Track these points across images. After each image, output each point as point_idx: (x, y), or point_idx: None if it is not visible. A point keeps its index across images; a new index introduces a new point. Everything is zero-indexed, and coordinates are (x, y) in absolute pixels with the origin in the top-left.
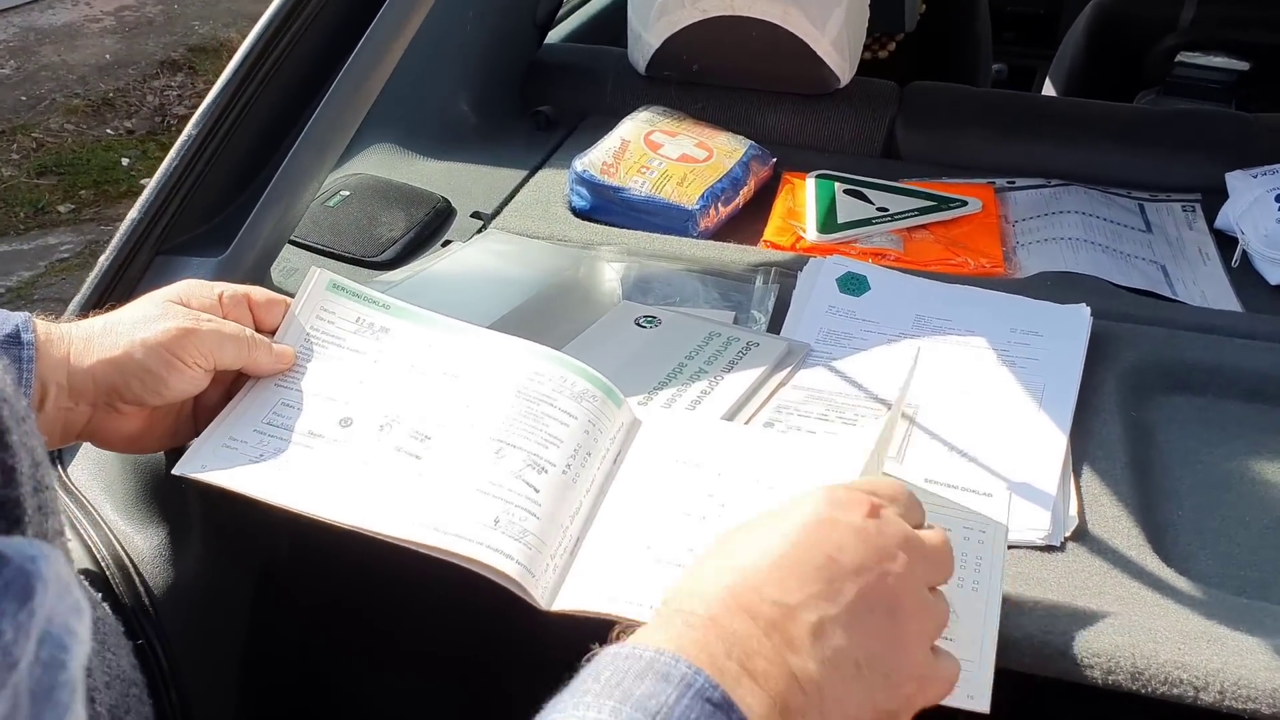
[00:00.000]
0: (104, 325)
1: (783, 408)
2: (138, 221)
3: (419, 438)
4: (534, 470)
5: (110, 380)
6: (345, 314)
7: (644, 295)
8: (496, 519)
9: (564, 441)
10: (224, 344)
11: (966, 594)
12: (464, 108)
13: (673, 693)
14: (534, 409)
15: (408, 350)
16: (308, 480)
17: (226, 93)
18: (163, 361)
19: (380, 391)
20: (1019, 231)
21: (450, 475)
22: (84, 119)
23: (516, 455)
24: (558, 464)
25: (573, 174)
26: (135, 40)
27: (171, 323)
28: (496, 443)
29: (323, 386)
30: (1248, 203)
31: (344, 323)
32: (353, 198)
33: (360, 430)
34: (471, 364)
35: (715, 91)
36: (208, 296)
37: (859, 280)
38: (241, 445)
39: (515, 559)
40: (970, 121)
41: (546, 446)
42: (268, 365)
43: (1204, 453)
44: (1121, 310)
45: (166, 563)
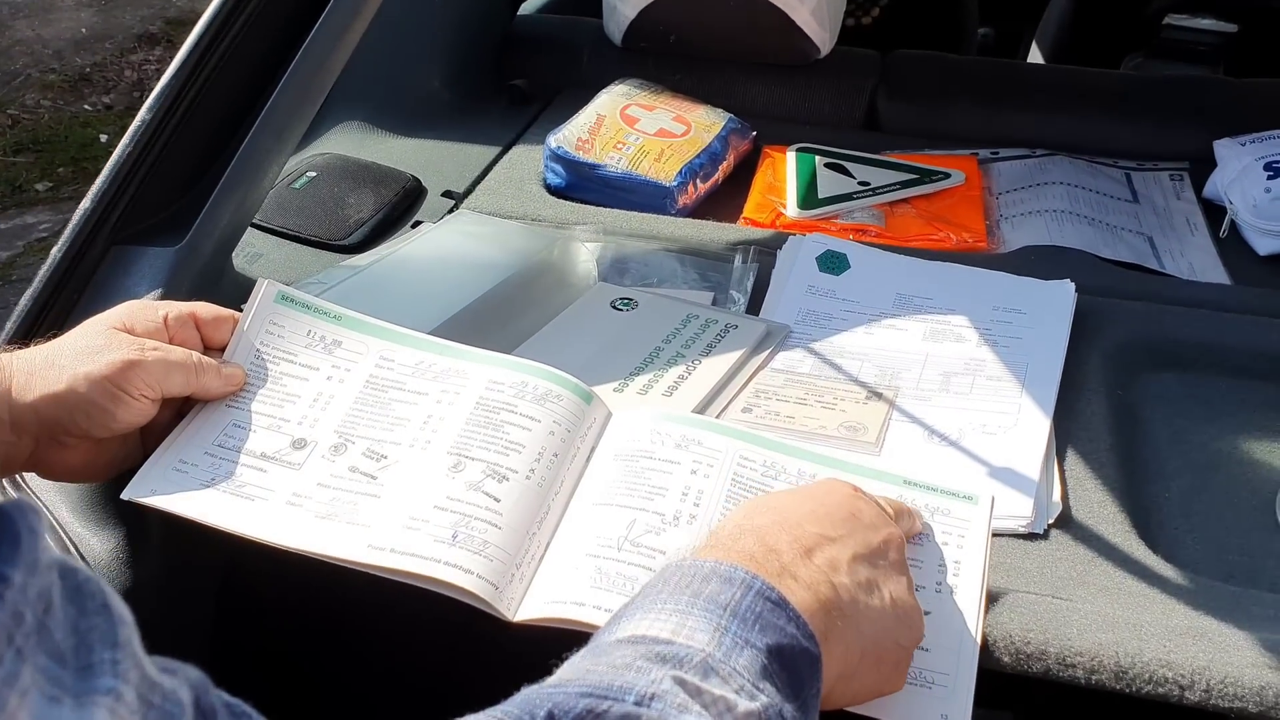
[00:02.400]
0: (45, 358)
1: (761, 391)
2: (91, 211)
3: (374, 457)
4: (494, 480)
5: (54, 415)
6: (295, 327)
7: (621, 276)
8: (454, 534)
9: (526, 447)
10: (170, 372)
11: (945, 603)
12: (435, 83)
13: (737, 591)
14: (493, 418)
15: (361, 364)
16: (261, 505)
17: (181, 75)
18: (108, 395)
19: (334, 410)
20: (1003, 204)
21: (406, 494)
22: (60, 94)
23: (475, 467)
24: (520, 470)
25: (547, 151)
26: (111, 13)
27: (116, 354)
28: (454, 456)
29: (275, 406)
30: (1236, 171)
31: (295, 337)
32: (320, 178)
33: (314, 452)
34: (429, 376)
35: (693, 63)
36: (152, 320)
37: (839, 259)
38: (192, 469)
39: (475, 573)
40: (953, 91)
41: (507, 454)
42: (217, 389)
43: (1192, 432)
44: (1107, 285)
45: (124, 566)
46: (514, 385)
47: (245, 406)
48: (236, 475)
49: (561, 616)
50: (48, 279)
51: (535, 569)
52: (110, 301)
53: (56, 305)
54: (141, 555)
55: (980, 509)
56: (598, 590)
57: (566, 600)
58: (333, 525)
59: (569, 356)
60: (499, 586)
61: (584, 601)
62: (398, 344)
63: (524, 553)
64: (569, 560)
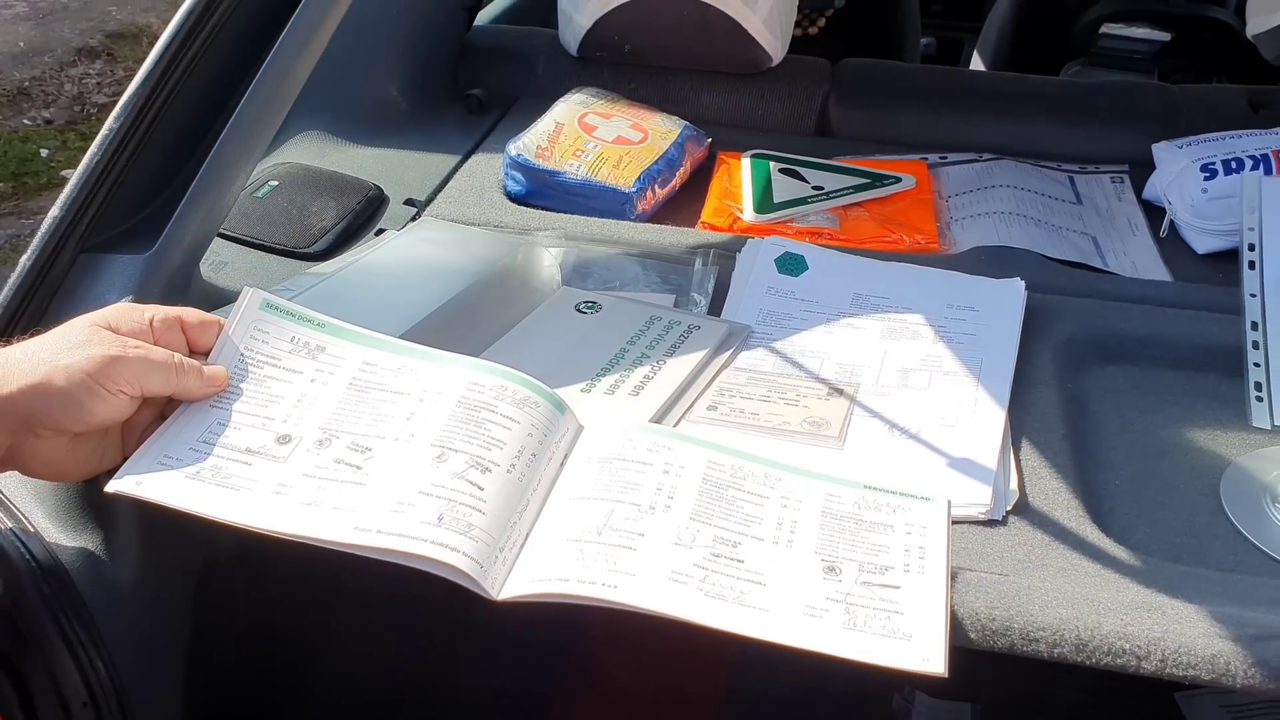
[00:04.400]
0: (25, 351)
1: (725, 390)
2: (60, 219)
3: (359, 449)
4: (477, 470)
5: (30, 406)
6: (280, 334)
7: (583, 280)
8: (440, 516)
9: (507, 444)
10: (150, 371)
11: (914, 578)
12: (393, 92)
13: None
14: (475, 415)
15: (345, 368)
16: (246, 494)
17: (148, 84)
18: (85, 389)
19: (318, 409)
20: (952, 207)
21: (391, 481)
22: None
23: (459, 458)
24: (501, 464)
25: (507, 158)
26: (50, 27)
27: (96, 349)
28: (438, 448)
29: (259, 406)
30: (1174, 173)
31: (279, 342)
32: (282, 187)
33: (299, 446)
34: (410, 379)
35: (648, 72)
36: (138, 321)
37: (797, 260)
38: (176, 462)
39: (462, 552)
40: (902, 98)
41: (489, 449)
42: (198, 390)
43: (1138, 421)
44: (1055, 283)
45: (101, 569)
46: (494, 388)
47: (229, 406)
48: (222, 468)
49: (546, 592)
50: (17, 287)
51: (517, 554)
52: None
53: (26, 312)
54: (119, 558)
55: (937, 506)
56: (580, 567)
57: (550, 577)
58: (319, 510)
59: (536, 359)
60: (484, 566)
61: (567, 577)
62: (379, 350)
63: (507, 538)
64: (550, 544)
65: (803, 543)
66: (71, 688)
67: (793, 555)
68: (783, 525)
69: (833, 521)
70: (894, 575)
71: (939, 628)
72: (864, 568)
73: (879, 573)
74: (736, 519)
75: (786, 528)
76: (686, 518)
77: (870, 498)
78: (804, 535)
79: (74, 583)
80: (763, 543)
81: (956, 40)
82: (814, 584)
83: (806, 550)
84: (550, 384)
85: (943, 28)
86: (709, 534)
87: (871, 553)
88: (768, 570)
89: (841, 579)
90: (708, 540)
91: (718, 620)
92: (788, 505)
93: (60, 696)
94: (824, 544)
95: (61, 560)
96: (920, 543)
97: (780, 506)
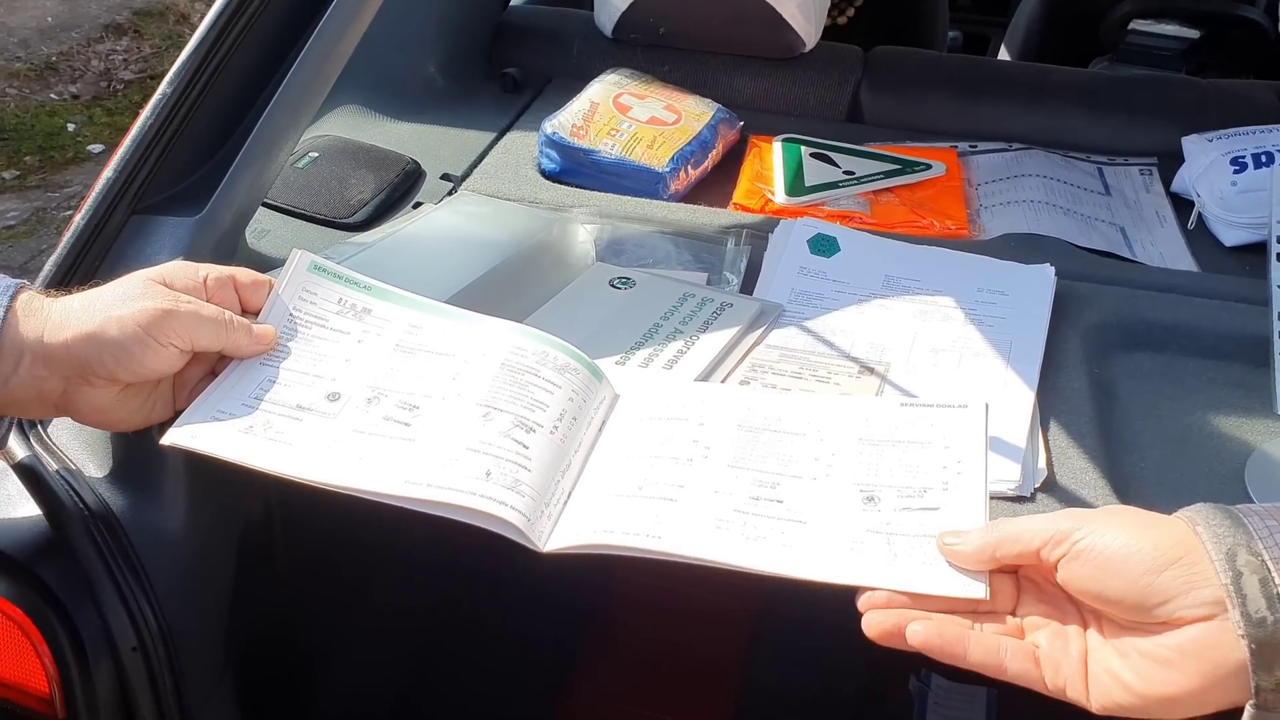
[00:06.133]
0: (84, 301)
1: (757, 366)
2: (113, 181)
3: (407, 408)
4: (522, 429)
5: (84, 353)
6: (328, 295)
7: (617, 257)
8: (488, 471)
9: (550, 406)
10: (200, 326)
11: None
12: (431, 69)
13: None
14: (519, 378)
15: (391, 330)
16: (298, 447)
17: (201, 50)
18: (136, 339)
19: (366, 368)
20: (982, 194)
21: (439, 437)
22: (27, 83)
23: (504, 417)
24: (545, 425)
25: (542, 136)
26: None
27: (150, 302)
28: (484, 407)
29: (309, 365)
30: (1203, 166)
31: (327, 304)
32: (322, 159)
33: (348, 403)
34: (455, 341)
35: (681, 55)
36: (192, 278)
37: (829, 242)
38: (229, 417)
39: (510, 505)
40: (934, 86)
41: (533, 410)
42: (247, 347)
43: (1164, 407)
44: (1083, 270)
45: (152, 522)
46: (536, 353)
47: (279, 364)
48: (273, 423)
49: (591, 543)
50: (71, 246)
51: (561, 509)
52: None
53: (79, 271)
54: (167, 508)
55: (973, 412)
56: (624, 519)
57: (596, 529)
58: (369, 464)
59: (572, 331)
60: (531, 520)
61: (612, 529)
62: (424, 312)
63: (551, 494)
64: (594, 500)
65: (841, 474)
66: (121, 632)
67: (831, 489)
68: (820, 460)
69: (869, 448)
70: (932, 496)
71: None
72: (902, 492)
73: (917, 495)
74: (774, 460)
75: (824, 462)
76: (724, 465)
77: (906, 414)
78: (842, 466)
79: (124, 530)
80: (801, 480)
81: (983, 35)
82: (854, 517)
83: (845, 482)
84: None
85: (970, 21)
86: (748, 479)
87: (909, 474)
88: (808, 508)
89: (880, 508)
90: (747, 485)
91: (760, 563)
92: (825, 439)
93: (110, 640)
94: (862, 472)
95: (112, 508)
96: (958, 456)
97: (818, 441)
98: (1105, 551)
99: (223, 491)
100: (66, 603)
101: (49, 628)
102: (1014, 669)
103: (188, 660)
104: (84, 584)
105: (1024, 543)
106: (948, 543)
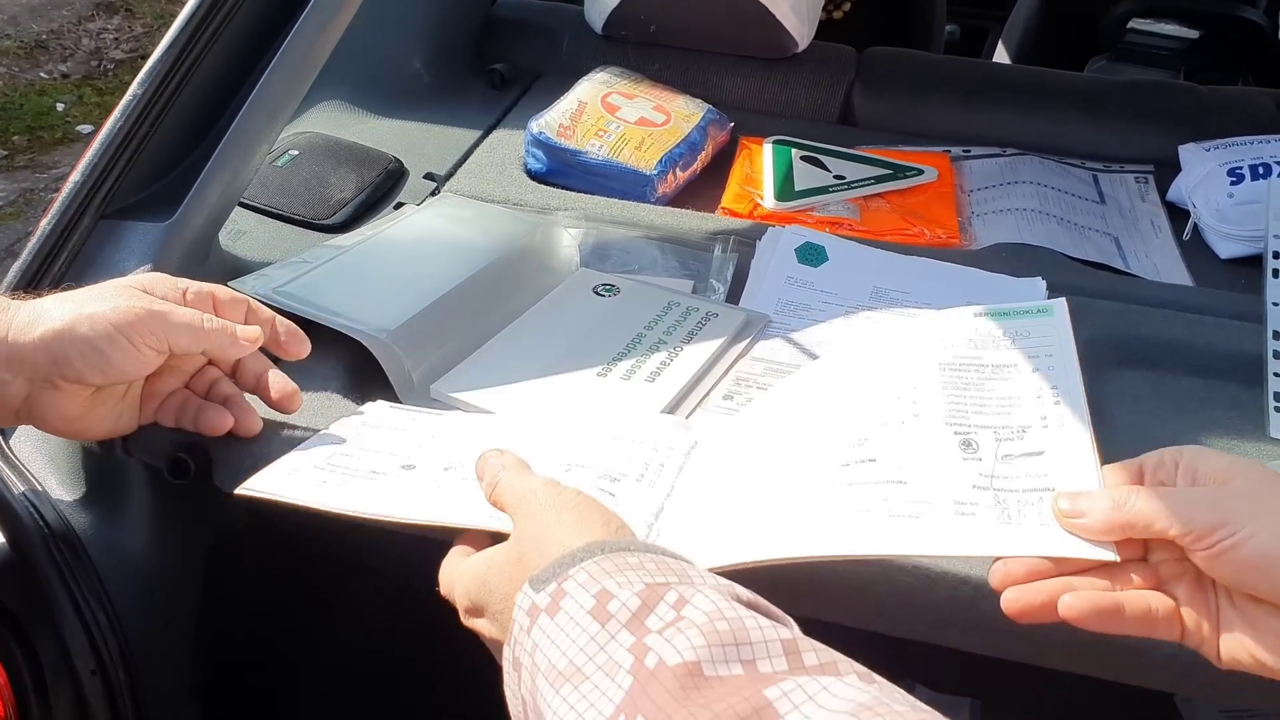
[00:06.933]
0: (54, 300)
1: (742, 379)
2: (80, 184)
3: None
4: (608, 480)
5: (52, 352)
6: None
7: (602, 262)
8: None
9: (633, 459)
10: (176, 326)
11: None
12: (416, 64)
13: None
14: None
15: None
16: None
17: (174, 49)
18: (107, 338)
19: (440, 444)
20: (974, 201)
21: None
22: (16, 61)
23: (587, 473)
24: (630, 475)
25: (529, 136)
26: None
27: (124, 301)
28: (565, 464)
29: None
30: (1200, 176)
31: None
32: (302, 157)
33: (425, 470)
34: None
35: (672, 53)
36: (171, 288)
37: (817, 250)
38: (302, 475)
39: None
40: (927, 89)
41: (615, 463)
42: (230, 348)
43: (1156, 428)
44: (1075, 283)
45: (114, 540)
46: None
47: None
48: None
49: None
50: (36, 251)
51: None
52: (99, 276)
53: (45, 278)
54: (130, 525)
55: (1059, 318)
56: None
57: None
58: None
59: (553, 340)
60: None
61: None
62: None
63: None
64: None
65: (930, 413)
66: (80, 655)
67: (923, 432)
68: (902, 398)
69: (953, 375)
70: (1034, 437)
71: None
72: (999, 434)
73: (1017, 436)
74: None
75: (908, 400)
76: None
77: (984, 328)
78: (928, 402)
79: (85, 548)
80: (888, 426)
81: (981, 29)
82: (955, 468)
83: (936, 422)
84: (566, 367)
85: (968, 15)
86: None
87: (1003, 410)
88: (904, 462)
89: (981, 455)
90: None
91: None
92: (905, 370)
93: (69, 663)
94: (952, 409)
95: (73, 525)
96: (1052, 381)
97: (898, 376)
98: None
99: (189, 508)
100: (25, 624)
101: (6, 651)
102: (1163, 631)
103: (149, 683)
104: (43, 605)
105: (1157, 529)
106: (1069, 518)
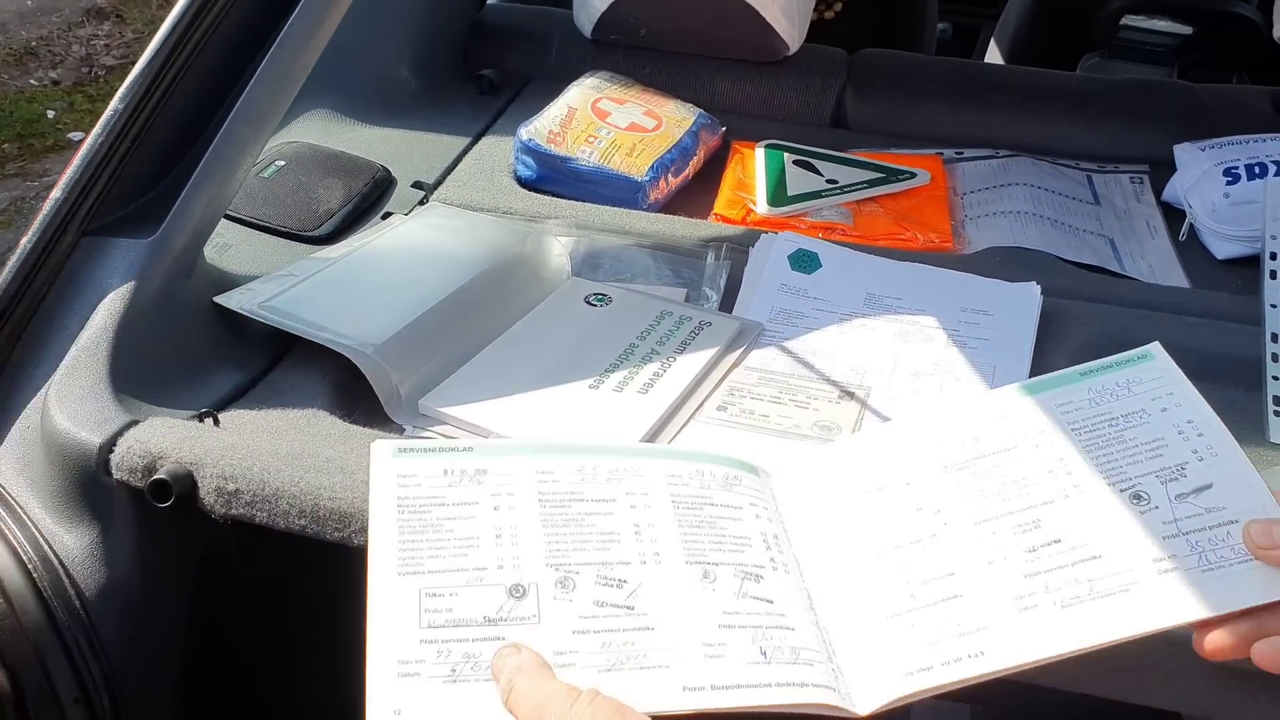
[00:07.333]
0: None
1: (736, 390)
2: (62, 201)
3: (613, 584)
4: (751, 581)
5: None
6: (429, 470)
7: (594, 271)
8: (762, 650)
9: (750, 538)
10: None
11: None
12: (404, 71)
13: None
14: (699, 515)
15: (523, 485)
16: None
17: (155, 63)
18: None
19: (527, 541)
20: (967, 204)
21: (679, 619)
22: (5, 69)
23: (724, 571)
24: (764, 564)
25: (518, 143)
26: None
27: None
28: (696, 566)
29: (459, 558)
30: (1195, 176)
31: (432, 480)
32: (288, 167)
33: (541, 596)
34: (600, 480)
35: (663, 57)
36: None
37: (810, 257)
38: (420, 666)
39: (810, 684)
40: (920, 91)
41: (741, 550)
42: None
43: None
44: (1071, 287)
45: (98, 563)
46: (693, 475)
47: (425, 569)
48: (476, 657)
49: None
50: (17, 270)
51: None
52: (81, 294)
53: (26, 296)
54: (114, 551)
55: (1161, 359)
56: (925, 646)
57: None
58: (625, 675)
59: (545, 352)
60: (836, 688)
61: (927, 664)
62: (546, 455)
63: (822, 644)
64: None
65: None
66: (64, 683)
67: (1092, 500)
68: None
69: (1090, 436)
70: (1196, 472)
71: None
72: (1162, 476)
73: (1178, 475)
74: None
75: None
76: (971, 525)
77: (1096, 386)
78: (1081, 469)
79: (69, 575)
80: (1054, 504)
81: (973, 26)
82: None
83: (1098, 485)
84: (558, 379)
85: (960, 13)
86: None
87: (1154, 454)
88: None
89: (1154, 502)
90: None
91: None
92: (1039, 444)
93: (52, 691)
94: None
95: (57, 552)
96: (1186, 416)
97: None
98: None
99: (174, 533)
100: (6, 651)
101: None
102: None
103: (134, 711)
104: (24, 631)
105: None
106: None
